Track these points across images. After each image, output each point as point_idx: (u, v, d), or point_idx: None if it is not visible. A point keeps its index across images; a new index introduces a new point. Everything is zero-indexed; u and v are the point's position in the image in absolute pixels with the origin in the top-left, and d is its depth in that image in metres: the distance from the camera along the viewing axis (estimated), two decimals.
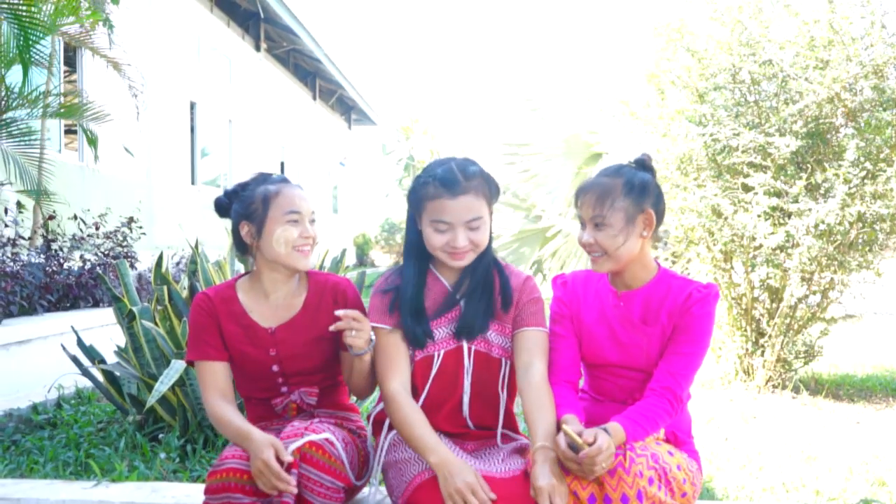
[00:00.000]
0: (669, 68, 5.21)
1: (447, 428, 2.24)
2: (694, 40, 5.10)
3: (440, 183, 2.14)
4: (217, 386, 2.32)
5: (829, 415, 4.49)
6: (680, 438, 2.24)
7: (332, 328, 2.18)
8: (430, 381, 2.23)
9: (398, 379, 2.20)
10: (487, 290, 2.27)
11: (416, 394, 2.23)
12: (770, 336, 5.05)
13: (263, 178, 2.40)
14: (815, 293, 5.05)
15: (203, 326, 2.36)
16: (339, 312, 2.16)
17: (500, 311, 2.27)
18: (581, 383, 2.43)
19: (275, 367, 2.38)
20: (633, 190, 2.16)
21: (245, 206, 2.36)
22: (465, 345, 2.24)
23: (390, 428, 2.29)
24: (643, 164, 2.25)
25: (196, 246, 3.82)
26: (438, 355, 2.23)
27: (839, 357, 6.51)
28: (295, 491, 2.06)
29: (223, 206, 2.44)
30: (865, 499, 2.42)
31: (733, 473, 3.27)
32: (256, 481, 2.07)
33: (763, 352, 5.10)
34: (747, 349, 5.17)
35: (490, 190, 2.21)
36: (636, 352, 2.22)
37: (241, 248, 2.43)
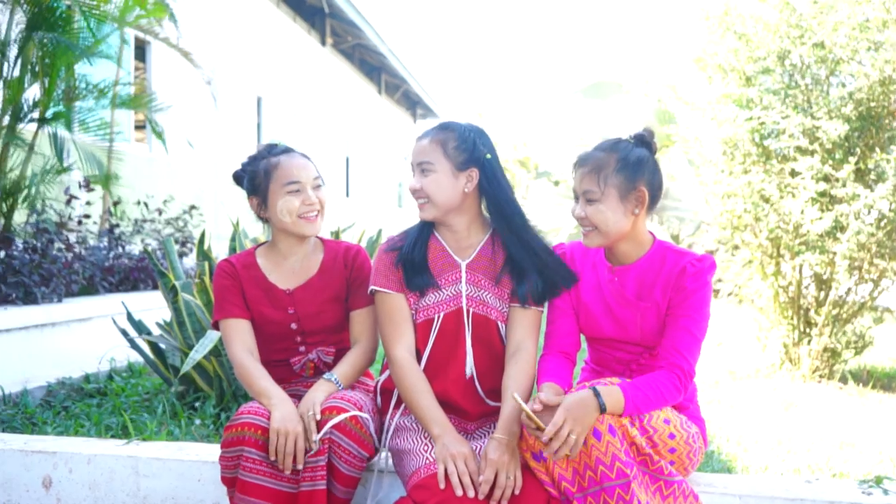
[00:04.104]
0: (716, 52, 5.14)
1: (456, 394, 2.29)
2: (741, 22, 5.02)
3: None
4: (243, 340, 2.45)
5: (875, 405, 4.37)
6: (678, 402, 2.24)
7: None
8: (430, 343, 2.28)
9: (403, 343, 2.28)
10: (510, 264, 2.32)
11: (417, 358, 2.30)
12: (818, 325, 4.94)
13: (268, 151, 2.52)
14: (865, 281, 4.92)
15: (226, 289, 2.49)
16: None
17: (503, 278, 2.31)
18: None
19: (293, 325, 2.50)
20: (627, 166, 2.15)
21: (251, 180, 2.49)
22: (464, 307, 2.29)
23: (398, 402, 2.36)
24: (642, 140, 2.23)
25: (237, 224, 3.96)
26: (438, 318, 2.29)
27: None
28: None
29: (240, 179, 2.58)
30: (879, 476, 2.38)
31: (759, 454, 3.23)
32: (270, 443, 2.16)
33: (810, 341, 4.99)
34: (794, 338, 5.07)
35: (450, 144, 2.26)
36: (631, 327, 2.23)
37: (259, 217, 2.56)
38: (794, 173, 4.79)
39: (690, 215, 11.10)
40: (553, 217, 13.47)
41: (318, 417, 2.17)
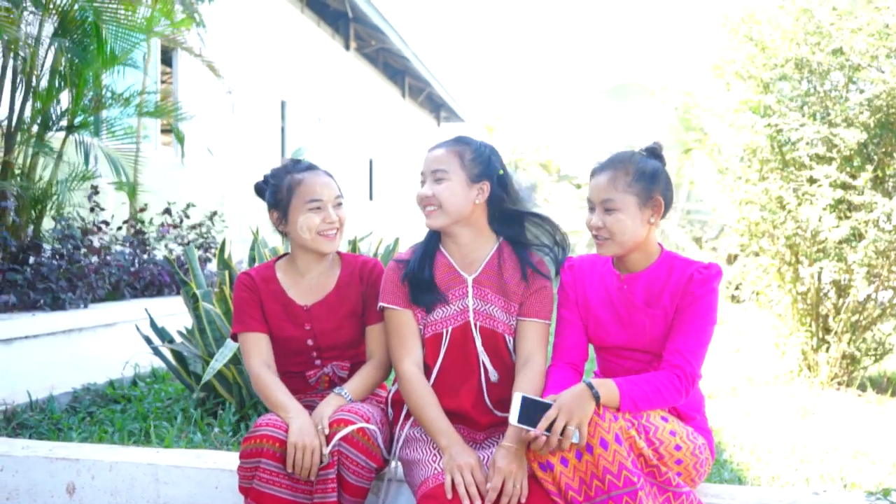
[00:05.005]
0: (734, 59, 5.13)
1: (468, 405, 2.34)
2: (759, 29, 5.02)
3: None
4: (260, 353, 2.50)
5: (893, 413, 4.35)
6: (684, 413, 2.27)
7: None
8: (440, 358, 2.34)
9: (411, 358, 2.34)
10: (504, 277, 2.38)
11: (428, 372, 2.35)
12: (836, 332, 4.92)
13: (292, 166, 2.55)
14: (886, 288, 4.89)
15: (245, 302, 2.54)
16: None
17: (508, 290, 2.37)
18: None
19: (310, 342, 2.55)
20: (644, 176, 2.22)
21: (273, 194, 2.52)
22: (472, 322, 2.35)
23: (408, 413, 2.41)
24: (654, 153, 2.31)
25: (256, 233, 4.04)
26: (447, 332, 2.34)
27: None
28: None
29: (262, 191, 2.62)
30: (887, 488, 2.38)
31: (772, 464, 3.24)
32: (288, 455, 2.21)
33: (828, 348, 4.97)
34: (812, 345, 5.05)
35: (466, 155, 2.33)
36: (640, 334, 2.27)
37: (278, 230, 2.61)
38: (811, 181, 4.78)
39: (713, 219, 11.05)
40: (575, 220, 13.47)
41: (327, 431, 2.22)
